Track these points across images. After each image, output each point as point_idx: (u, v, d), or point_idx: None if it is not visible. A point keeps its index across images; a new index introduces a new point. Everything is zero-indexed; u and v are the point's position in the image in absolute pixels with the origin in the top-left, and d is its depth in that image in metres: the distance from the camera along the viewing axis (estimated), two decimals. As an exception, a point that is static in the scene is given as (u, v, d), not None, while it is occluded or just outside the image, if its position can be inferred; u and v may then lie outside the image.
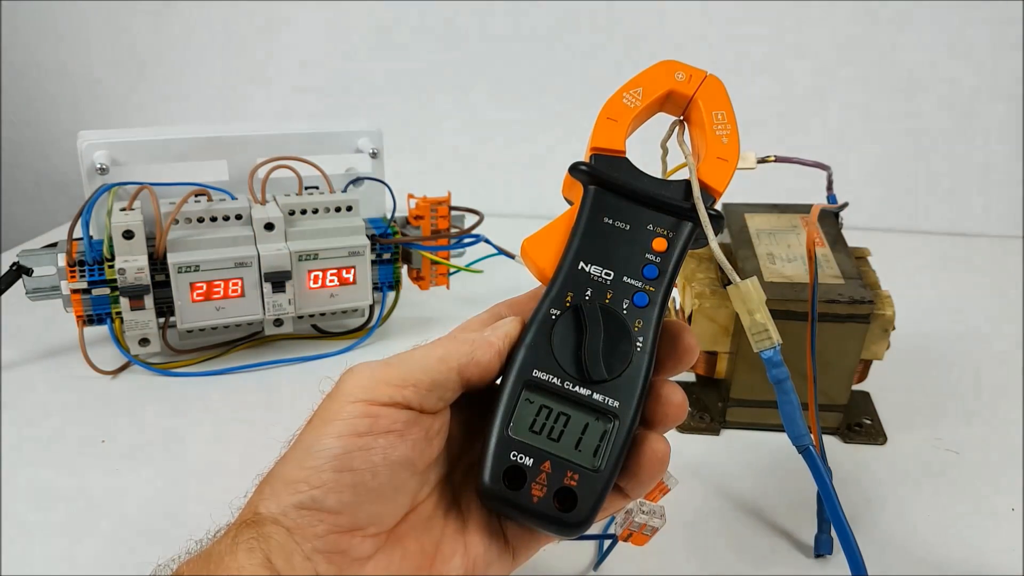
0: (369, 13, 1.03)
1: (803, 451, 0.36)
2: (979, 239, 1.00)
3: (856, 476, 0.50)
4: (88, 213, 0.57)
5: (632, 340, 0.31)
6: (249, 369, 0.63)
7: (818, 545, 0.44)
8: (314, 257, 0.61)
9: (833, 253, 0.55)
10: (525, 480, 0.30)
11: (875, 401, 0.58)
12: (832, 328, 0.50)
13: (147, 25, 1.08)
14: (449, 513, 0.32)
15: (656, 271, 0.32)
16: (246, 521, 0.28)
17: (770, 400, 0.54)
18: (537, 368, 0.31)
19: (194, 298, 0.58)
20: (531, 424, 0.30)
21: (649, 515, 0.37)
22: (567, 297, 0.32)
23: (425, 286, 0.70)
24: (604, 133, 0.33)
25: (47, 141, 1.18)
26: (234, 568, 0.26)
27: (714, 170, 0.33)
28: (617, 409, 0.31)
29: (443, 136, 1.08)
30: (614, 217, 0.33)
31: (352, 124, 0.70)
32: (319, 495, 0.28)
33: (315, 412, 0.30)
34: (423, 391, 0.30)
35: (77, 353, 0.60)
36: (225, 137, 0.65)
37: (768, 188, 0.63)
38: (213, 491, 0.35)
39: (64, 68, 1.13)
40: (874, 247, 0.57)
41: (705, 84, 0.34)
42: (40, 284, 0.59)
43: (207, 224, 0.59)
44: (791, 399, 0.35)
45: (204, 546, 0.29)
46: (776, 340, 0.34)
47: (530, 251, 0.34)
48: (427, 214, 0.67)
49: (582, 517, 0.30)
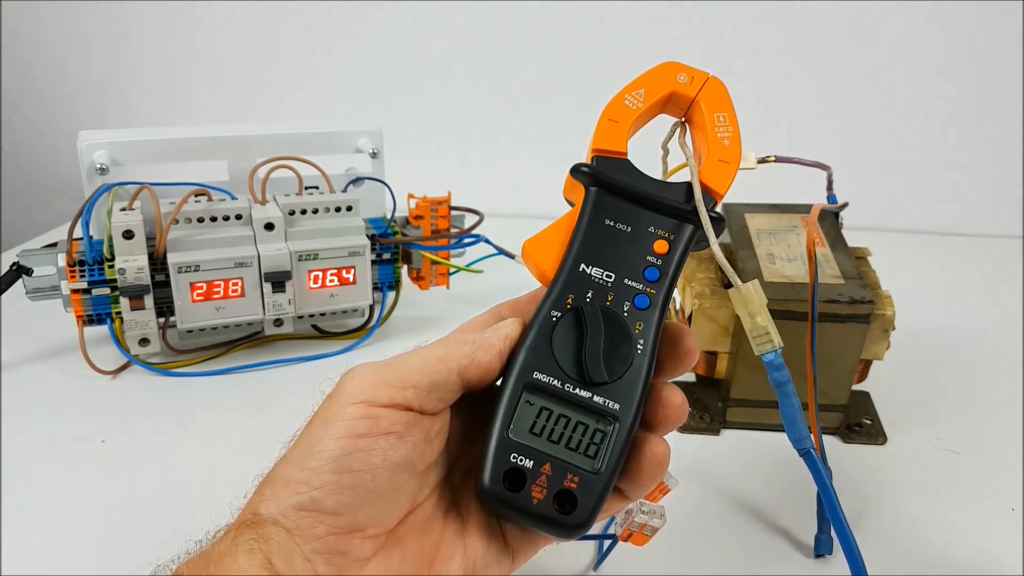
0: (369, 13, 1.03)
1: (804, 454, 0.36)
2: (979, 239, 1.00)
3: (856, 476, 0.50)
4: (88, 213, 0.57)
5: (633, 342, 0.31)
6: (249, 369, 0.63)
7: (818, 545, 0.44)
8: (314, 257, 0.61)
9: (833, 253, 0.55)
10: (525, 482, 0.30)
11: (875, 401, 0.58)
12: (832, 328, 0.50)
13: (147, 25, 1.08)
14: (449, 514, 0.32)
15: (657, 273, 0.32)
16: (246, 522, 0.28)
17: (770, 400, 0.54)
18: (538, 370, 0.31)
19: (194, 298, 0.58)
20: (531, 426, 0.30)
21: (649, 515, 0.37)
22: (568, 299, 0.32)
23: (425, 286, 0.70)
24: (605, 134, 0.33)
25: (47, 141, 1.18)
26: (234, 569, 0.26)
27: (715, 172, 0.33)
28: (617, 411, 0.31)
29: (443, 136, 1.08)
30: (615, 219, 0.33)
31: (352, 124, 0.70)
32: (319, 496, 0.28)
33: (315, 413, 0.30)
34: (423, 392, 0.30)
35: (77, 353, 0.60)
36: (225, 137, 0.65)
37: (768, 188, 0.63)
38: (213, 492, 0.35)
39: (64, 68, 1.13)
40: (874, 247, 0.57)
41: (707, 86, 0.34)
42: (40, 284, 0.59)
43: (207, 224, 0.59)
44: (792, 402, 0.35)
45: (204, 547, 0.29)
46: (777, 343, 0.34)
47: (531, 252, 0.34)
48: (427, 214, 0.67)
49: (582, 519, 0.30)
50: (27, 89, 1.16)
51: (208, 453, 0.52)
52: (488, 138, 1.07)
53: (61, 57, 1.12)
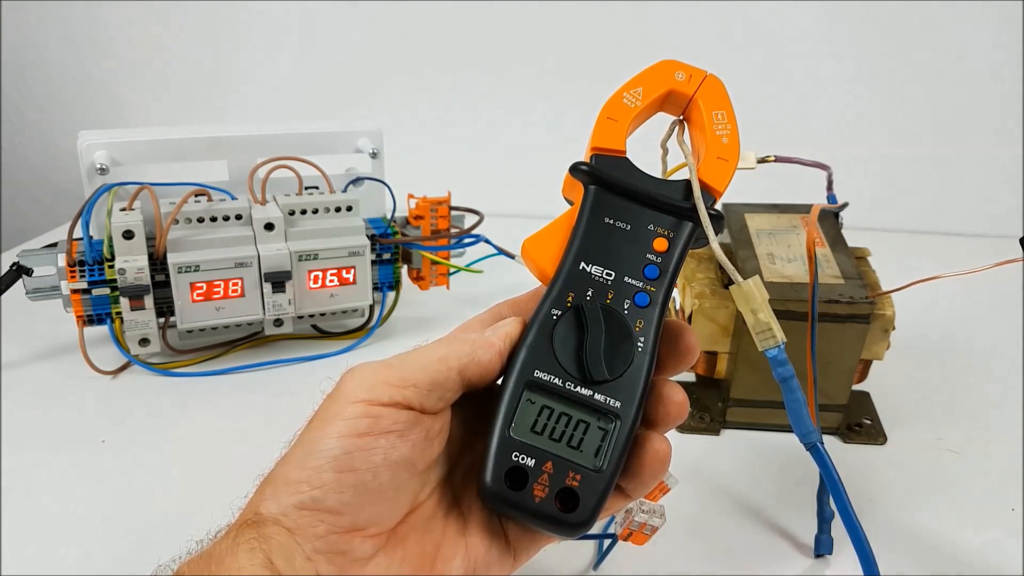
0: (369, 13, 1.03)
1: (811, 448, 0.36)
2: (979, 239, 1.00)
3: (856, 476, 0.50)
4: (88, 213, 0.57)
5: (633, 340, 0.31)
6: (249, 369, 0.63)
7: (818, 545, 0.44)
8: (314, 257, 0.61)
9: (833, 253, 0.55)
10: (527, 481, 0.30)
11: (875, 401, 0.58)
12: (832, 328, 0.50)
13: (147, 25, 1.08)
14: (450, 513, 0.32)
15: (657, 271, 0.32)
16: (247, 521, 0.28)
17: (770, 400, 0.54)
18: (538, 368, 0.31)
19: (194, 298, 0.58)
20: (532, 424, 0.30)
21: (649, 514, 0.37)
22: (568, 297, 0.32)
23: (425, 286, 0.70)
24: (604, 133, 0.33)
25: (47, 141, 1.18)
26: (235, 568, 0.26)
27: (714, 170, 0.33)
28: (618, 409, 0.31)
29: (443, 136, 1.08)
30: (615, 217, 0.33)
31: (352, 124, 0.70)
32: (320, 495, 0.28)
33: (316, 412, 0.30)
34: (424, 391, 0.30)
35: (77, 353, 0.60)
36: (225, 137, 0.65)
37: (768, 188, 0.63)
38: (213, 491, 0.35)
39: (64, 68, 1.13)
40: (874, 247, 0.57)
41: (705, 84, 0.34)
42: (40, 284, 0.59)
43: (207, 224, 0.59)
44: (797, 396, 0.35)
45: (205, 546, 0.29)
46: (780, 338, 0.34)
47: (531, 251, 0.34)
48: (427, 214, 0.67)
49: (584, 517, 0.30)
50: (27, 89, 1.16)
51: (208, 453, 0.52)
52: (488, 138, 1.07)
53: (61, 57, 1.12)
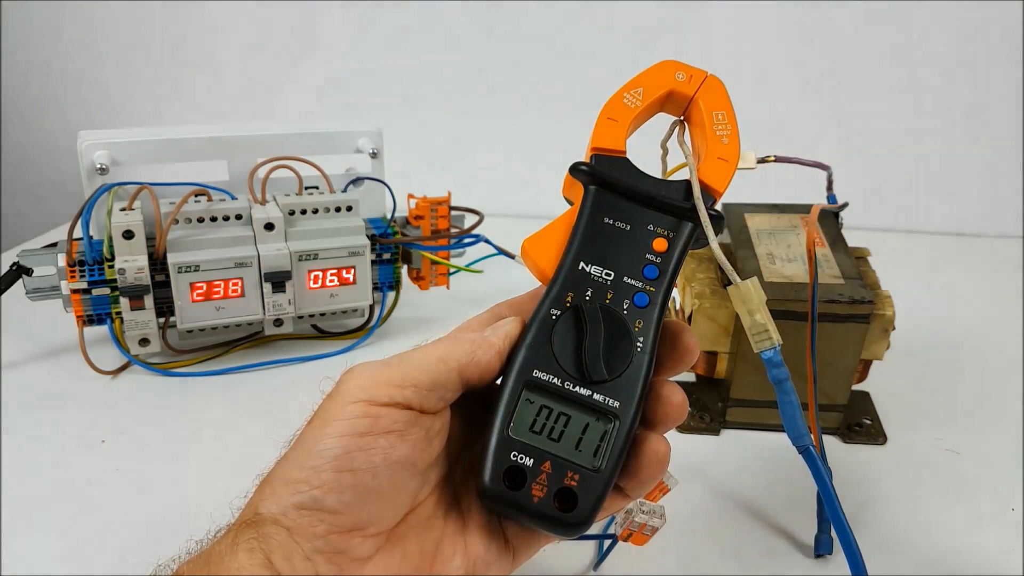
0: (369, 13, 1.03)
1: (803, 451, 0.36)
2: (979, 239, 1.00)
3: (856, 476, 0.50)
4: (88, 213, 0.57)
5: (632, 340, 0.31)
6: (249, 369, 0.63)
7: (818, 545, 0.44)
8: (314, 257, 0.61)
9: (833, 253, 0.55)
10: (525, 480, 0.30)
11: (875, 401, 0.58)
12: (832, 328, 0.50)
13: (147, 25, 1.08)
14: (449, 513, 0.32)
15: (656, 271, 0.32)
16: (246, 521, 0.28)
17: (770, 400, 0.54)
18: (537, 368, 0.31)
19: (194, 298, 0.58)
20: (531, 424, 0.30)
21: (649, 515, 0.37)
22: (567, 297, 0.32)
23: (425, 286, 0.70)
24: (604, 133, 0.33)
25: (47, 141, 1.18)
26: (234, 568, 0.26)
27: (714, 170, 0.33)
28: (617, 409, 0.31)
29: (443, 136, 1.08)
30: (614, 217, 0.33)
31: (352, 124, 0.70)
32: (319, 495, 0.28)
33: (315, 412, 0.30)
34: (423, 391, 0.30)
35: (77, 353, 0.60)
36: (225, 137, 0.65)
37: (768, 188, 0.63)
38: (213, 491, 0.35)
39: (64, 68, 1.13)
40: (874, 247, 0.57)
41: (705, 84, 0.34)
42: (40, 284, 0.59)
43: (207, 224, 0.59)
44: (791, 399, 0.35)
45: (204, 546, 0.29)
46: (776, 340, 0.34)
47: (530, 251, 0.34)
48: (427, 214, 0.67)
49: (582, 517, 0.30)
50: (27, 89, 1.16)
51: (208, 453, 0.52)
52: (488, 138, 1.07)
53: (61, 57, 1.12)
